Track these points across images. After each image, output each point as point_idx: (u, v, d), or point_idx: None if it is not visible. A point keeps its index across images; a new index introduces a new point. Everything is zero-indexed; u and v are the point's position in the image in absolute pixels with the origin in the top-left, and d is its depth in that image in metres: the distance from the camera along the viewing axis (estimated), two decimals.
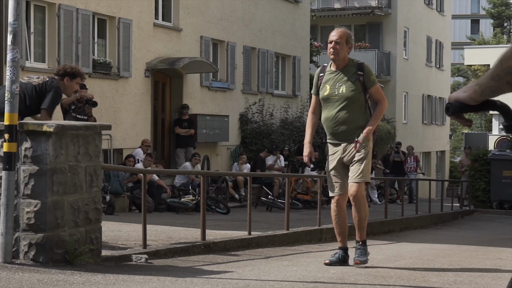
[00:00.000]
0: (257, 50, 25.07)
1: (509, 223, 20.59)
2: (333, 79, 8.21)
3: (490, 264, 9.59)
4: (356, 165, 8.13)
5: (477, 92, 2.35)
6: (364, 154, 8.14)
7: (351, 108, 8.11)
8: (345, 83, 8.13)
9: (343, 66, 8.21)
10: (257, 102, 24.49)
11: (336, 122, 8.19)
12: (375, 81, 8.18)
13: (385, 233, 15.40)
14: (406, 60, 38.53)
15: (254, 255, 9.41)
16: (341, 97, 8.12)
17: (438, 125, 44.05)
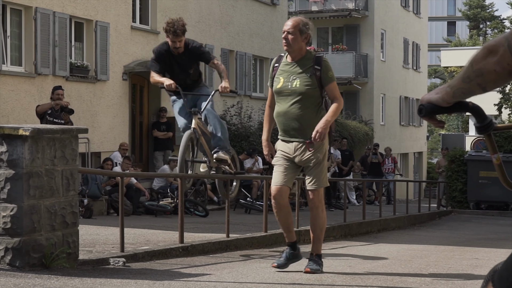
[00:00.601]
0: (235, 52, 25.06)
1: (486, 223, 20.73)
2: (288, 71, 7.59)
3: (467, 264, 9.64)
4: (311, 171, 7.60)
5: (449, 93, 2.35)
6: (319, 158, 7.55)
7: (304, 104, 7.48)
8: (300, 76, 7.52)
9: (299, 58, 7.58)
10: (235, 105, 24.48)
11: (288, 118, 7.55)
12: (333, 78, 7.54)
13: (363, 234, 15.44)
14: (383, 62, 38.68)
15: (233, 257, 9.40)
16: (294, 92, 7.50)
17: (415, 127, 44.25)
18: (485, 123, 2.35)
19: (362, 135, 32.72)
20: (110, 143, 19.25)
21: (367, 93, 37.16)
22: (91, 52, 18.94)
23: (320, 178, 7.63)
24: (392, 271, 8.38)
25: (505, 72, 2.17)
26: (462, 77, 2.29)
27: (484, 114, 2.35)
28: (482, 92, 2.28)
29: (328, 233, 14.05)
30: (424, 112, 2.35)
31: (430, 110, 2.35)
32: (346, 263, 9.17)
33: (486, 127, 2.35)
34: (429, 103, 2.38)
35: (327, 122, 7.36)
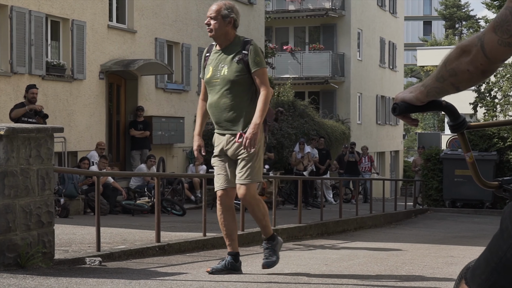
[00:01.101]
0: None
1: (461, 221, 20.85)
2: (217, 59, 7.15)
3: (442, 262, 9.69)
4: (243, 164, 7.07)
5: (422, 92, 2.36)
6: (252, 152, 7.00)
7: (235, 93, 7.02)
8: (228, 64, 7.05)
9: (226, 44, 7.12)
10: None
11: (219, 109, 7.10)
12: (260, 64, 7.00)
13: (340, 233, 15.48)
14: (360, 61, 38.80)
15: (209, 256, 9.38)
16: (223, 80, 7.04)
17: (391, 125, 44.43)
18: (458, 121, 2.35)
19: (339, 134, 32.80)
20: (87, 142, 19.16)
21: (344, 92, 37.26)
22: (67, 51, 18.83)
23: (252, 172, 7.04)
24: (368, 269, 8.40)
25: (478, 72, 2.17)
26: (436, 76, 2.29)
27: (457, 112, 2.36)
28: (456, 92, 2.29)
29: (305, 232, 14.07)
30: (398, 111, 2.35)
31: (404, 109, 2.35)
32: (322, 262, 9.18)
33: (459, 126, 2.36)
34: (403, 101, 2.38)
35: (256, 126, 6.87)
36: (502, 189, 2.43)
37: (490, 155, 24.19)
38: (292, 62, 36.42)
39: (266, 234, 7.61)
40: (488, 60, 2.14)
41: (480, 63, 2.15)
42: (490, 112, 31.74)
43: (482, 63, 2.14)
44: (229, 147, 7.16)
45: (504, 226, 2.00)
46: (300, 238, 13.62)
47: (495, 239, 2.03)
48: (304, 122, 28.70)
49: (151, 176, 17.54)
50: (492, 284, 2.00)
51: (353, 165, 26.93)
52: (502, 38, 2.09)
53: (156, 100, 22.12)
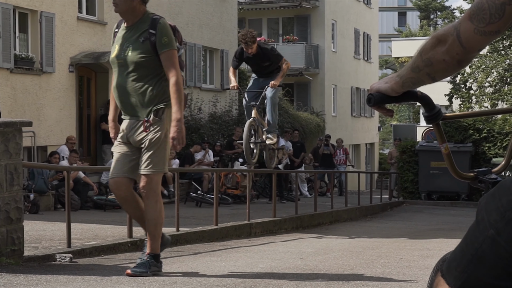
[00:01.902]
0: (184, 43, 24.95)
1: (437, 214, 20.98)
2: (123, 37, 6.59)
3: (418, 255, 9.74)
4: (145, 153, 6.52)
5: (398, 83, 2.35)
6: (155, 138, 6.50)
7: (140, 76, 6.49)
8: (133, 43, 6.50)
9: (134, 21, 6.55)
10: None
11: (122, 93, 6.56)
12: (168, 45, 6.44)
13: (315, 226, 15.53)
14: (334, 53, 38.88)
15: (183, 252, 9.37)
16: (127, 62, 6.50)
17: (367, 117, 44.59)
18: (433, 112, 2.35)
19: (314, 127, 32.86)
20: (57, 137, 19.03)
21: (318, 84, 37.32)
22: (36, 44, 18.67)
23: (156, 161, 6.49)
24: (343, 263, 8.43)
25: (454, 62, 2.17)
26: (411, 66, 2.29)
27: (433, 103, 2.36)
28: (432, 82, 2.28)
29: (280, 226, 14.09)
30: (373, 102, 2.34)
31: (379, 99, 2.34)
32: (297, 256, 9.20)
33: (435, 117, 2.36)
34: (378, 92, 2.38)
35: (178, 123, 6.34)
36: (478, 181, 2.44)
37: (466, 147, 24.36)
38: None
39: (150, 249, 6.63)
40: (464, 50, 2.13)
41: (456, 53, 2.14)
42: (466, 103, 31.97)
43: (458, 52, 2.14)
44: (131, 134, 6.57)
45: (480, 218, 2.00)
46: (275, 232, 13.64)
47: (471, 230, 2.03)
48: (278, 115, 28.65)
49: None
50: (468, 276, 2.00)
51: (328, 158, 26.99)
52: (478, 27, 2.08)
53: None
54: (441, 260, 2.28)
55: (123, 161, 6.59)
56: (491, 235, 1.95)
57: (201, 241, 10.80)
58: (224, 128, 24.95)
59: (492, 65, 31.24)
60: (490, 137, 25.14)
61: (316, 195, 17.40)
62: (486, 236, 1.96)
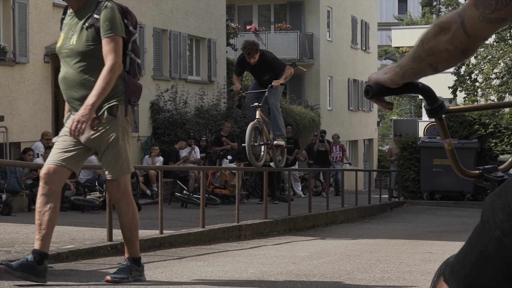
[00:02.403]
0: (168, 32, 24.92)
1: (441, 215, 21.04)
2: (68, 24, 6.38)
3: (420, 259, 9.77)
4: (105, 156, 6.35)
5: (398, 74, 2.35)
6: (111, 139, 6.28)
7: (86, 67, 6.24)
8: (78, 31, 6.28)
9: (78, 5, 6.33)
10: (170, 89, 24.37)
11: (68, 86, 6.34)
12: (111, 29, 6.17)
13: (309, 228, 15.54)
14: (330, 42, 38.90)
15: (167, 256, 9.37)
16: (72, 51, 6.30)
17: (365, 112, 44.66)
18: (435, 105, 2.35)
19: (308, 121, 32.89)
20: (31, 132, 18.98)
21: (313, 75, 37.34)
22: (8, 32, 18.62)
23: (120, 163, 6.33)
24: (339, 268, 8.44)
25: (457, 51, 2.17)
26: (412, 56, 2.29)
27: (435, 95, 2.36)
28: (434, 73, 2.29)
29: (272, 228, 14.10)
30: (371, 94, 2.34)
31: (378, 91, 2.35)
32: (290, 260, 9.21)
33: (437, 110, 2.36)
34: (377, 83, 2.38)
35: (88, 108, 5.96)
36: (483, 179, 2.44)
37: (471, 143, 24.42)
38: None
39: (129, 253, 6.56)
40: (468, 38, 2.14)
41: (460, 42, 2.15)
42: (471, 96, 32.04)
43: (462, 41, 2.14)
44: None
45: (485, 218, 2.00)
46: (266, 234, 13.65)
47: (475, 232, 2.03)
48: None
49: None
50: (472, 280, 2.00)
51: (323, 155, 27.02)
52: (484, 14, 2.08)
53: None
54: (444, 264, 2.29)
55: (65, 149, 6.33)
56: (497, 237, 1.95)
57: (187, 245, 10.80)
58: (211, 123, 24.95)
59: (499, 55, 31.32)
60: (497, 132, 25.20)
61: (310, 195, 17.40)
62: (491, 238, 1.96)
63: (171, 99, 24.23)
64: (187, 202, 19.10)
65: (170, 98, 24.23)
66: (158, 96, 24.03)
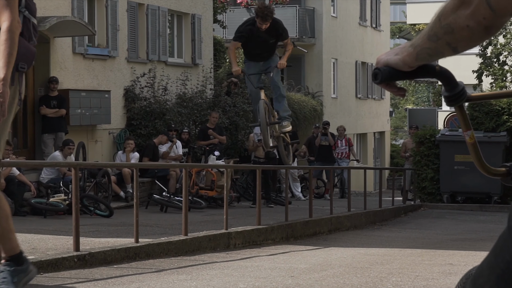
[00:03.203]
0: (145, 6, 24.89)
1: (463, 220, 21.08)
2: None
3: (439, 271, 9.79)
4: None
5: (411, 55, 2.35)
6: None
7: None
8: None
9: None
10: (147, 73, 24.34)
11: None
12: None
13: (310, 236, 15.56)
14: (335, 19, 38.92)
15: (143, 268, 9.37)
16: None
17: (375, 100, 44.71)
18: (455, 91, 2.35)
19: (309, 111, 32.91)
20: None
21: (315, 57, 37.35)
22: None
23: None
24: (345, 282, 8.45)
25: (480, 28, 2.17)
26: (428, 34, 2.29)
27: (455, 80, 2.35)
28: (453, 53, 2.29)
29: (266, 235, 14.11)
30: (380, 78, 2.34)
31: (388, 75, 2.34)
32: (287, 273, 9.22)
33: (457, 97, 2.35)
34: (387, 66, 2.38)
35: (2, 82, 5.69)
36: (511, 178, 2.44)
37: (499, 136, 24.47)
38: None
39: (7, 251, 6.14)
40: (493, 13, 2.13)
41: (483, 17, 2.14)
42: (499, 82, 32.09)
43: (486, 16, 2.14)
44: None
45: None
46: (260, 243, 13.66)
47: (501, 240, 2.04)
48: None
49: (68, 166, 17.42)
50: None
51: (326, 151, 27.05)
52: None
53: (74, 69, 21.95)
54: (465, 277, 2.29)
55: None
56: None
57: (167, 255, 10.80)
58: (196, 112, 24.94)
59: None
60: None
61: (311, 197, 17.41)
62: None
63: (148, 85, 24.20)
64: (167, 206, 19.09)
65: (148, 84, 24.20)
66: (133, 81, 24.00)
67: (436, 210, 24.13)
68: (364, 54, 42.68)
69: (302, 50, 37.08)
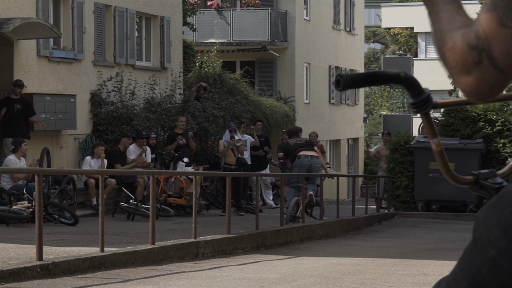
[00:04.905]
0: (112, 8, 24.83)
1: (437, 229, 21.16)
2: None
3: (412, 282, 9.82)
4: None
5: None
6: None
7: None
8: None
9: None
10: (114, 77, 24.27)
11: None
12: None
13: (281, 245, 15.56)
14: (308, 22, 38.97)
15: (108, 278, 9.34)
16: None
17: (349, 105, 44.80)
18: (421, 98, 2.34)
19: (281, 117, 32.93)
20: None
21: (287, 62, 37.38)
22: None
23: None
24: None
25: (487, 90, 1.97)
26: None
27: (420, 87, 2.34)
28: None
29: (236, 245, 14.11)
30: (342, 85, 2.34)
31: (350, 82, 2.34)
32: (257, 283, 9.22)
33: (423, 104, 2.35)
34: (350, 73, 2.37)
35: None
36: (479, 186, 2.45)
37: (475, 143, 24.58)
38: (219, 22, 36.36)
39: None
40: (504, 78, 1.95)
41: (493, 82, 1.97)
42: None
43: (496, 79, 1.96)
44: None
45: (477, 235, 2.02)
46: (229, 253, 13.65)
47: (467, 252, 2.04)
48: (234, 102, 28.71)
49: (32, 173, 17.33)
50: None
51: None
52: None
53: (38, 72, 21.85)
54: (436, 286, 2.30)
55: None
56: (492, 257, 1.96)
57: (133, 265, 10.77)
58: (164, 118, 24.89)
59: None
60: (505, 131, 25.39)
61: (282, 205, 17.42)
62: (485, 258, 1.97)
63: (115, 90, 24.13)
64: (135, 214, 19.04)
65: (115, 88, 24.13)
66: (100, 85, 23.92)
67: (411, 218, 24.20)
68: (338, 59, 42.78)
69: (274, 54, 37.14)
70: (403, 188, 25.64)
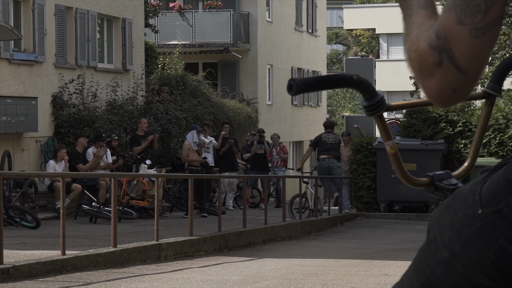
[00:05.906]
0: (74, 10, 24.72)
1: (400, 230, 21.25)
2: None
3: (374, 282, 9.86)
4: None
5: None
6: None
7: None
8: None
9: None
10: (76, 79, 24.17)
11: None
12: None
13: (244, 247, 15.56)
14: (270, 24, 39.02)
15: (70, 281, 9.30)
16: None
17: (312, 107, 44.89)
18: (374, 101, 2.33)
19: (244, 119, 32.94)
20: None
21: (250, 63, 37.40)
22: None
23: None
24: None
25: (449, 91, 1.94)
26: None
27: (374, 89, 2.33)
28: None
29: (198, 247, 14.09)
30: (295, 89, 2.32)
31: (304, 86, 2.32)
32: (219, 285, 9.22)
33: (376, 107, 2.34)
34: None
35: None
36: (434, 188, 2.46)
37: (436, 144, 24.70)
38: (181, 24, 36.32)
39: None
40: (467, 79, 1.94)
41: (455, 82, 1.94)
42: None
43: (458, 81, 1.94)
44: None
45: (431, 237, 2.02)
46: (192, 255, 13.64)
47: (420, 253, 2.05)
48: (197, 103, 28.69)
49: None
50: None
51: (261, 159, 27.04)
52: (475, 24, 1.88)
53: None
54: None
55: None
56: (445, 259, 1.97)
57: (95, 268, 10.73)
58: (126, 120, 24.82)
59: None
60: (466, 131, 25.52)
61: (245, 207, 17.42)
62: (439, 260, 1.98)
63: (77, 92, 24.04)
64: (97, 216, 18.97)
65: (76, 90, 24.04)
66: (62, 88, 23.82)
67: (373, 219, 24.28)
68: (300, 60, 42.86)
69: (237, 55, 37.15)
70: (366, 189, 25.72)
